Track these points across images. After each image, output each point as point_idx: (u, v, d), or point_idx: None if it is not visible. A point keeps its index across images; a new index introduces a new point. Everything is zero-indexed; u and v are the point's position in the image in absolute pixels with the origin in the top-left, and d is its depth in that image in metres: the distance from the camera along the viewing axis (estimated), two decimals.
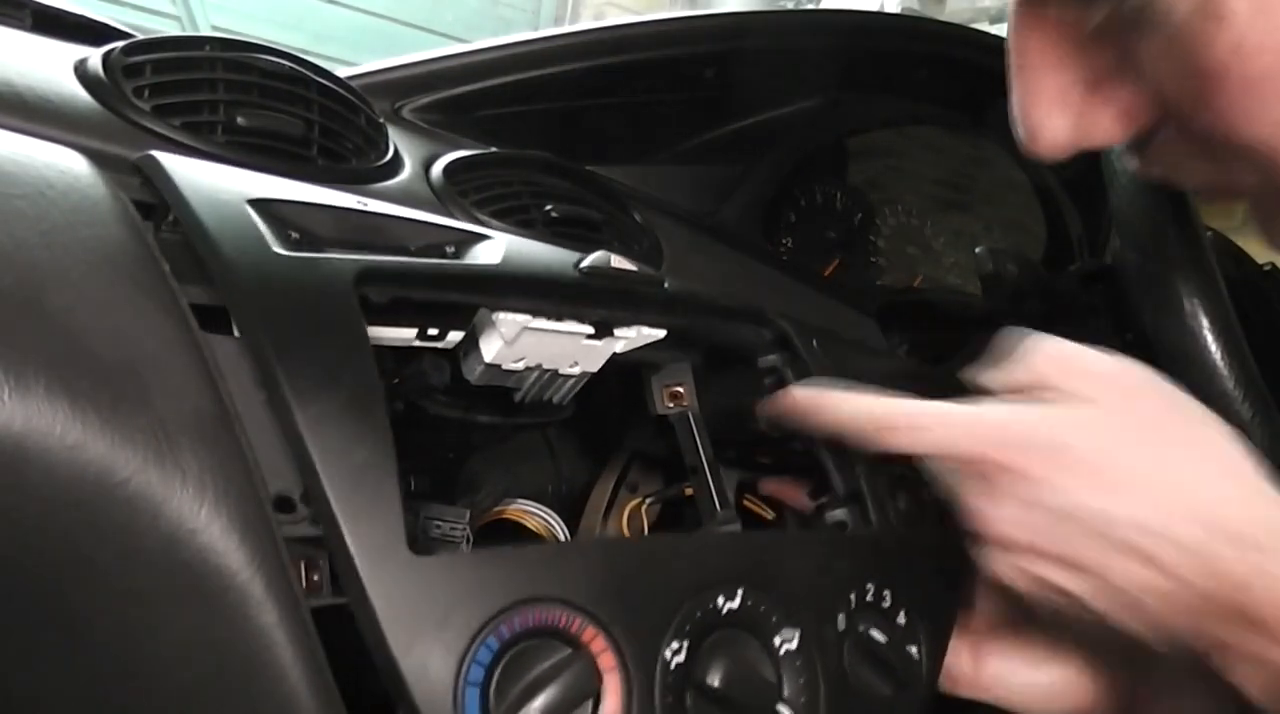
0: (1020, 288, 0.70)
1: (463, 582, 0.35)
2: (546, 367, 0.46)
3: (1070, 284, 0.71)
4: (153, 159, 0.40)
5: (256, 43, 0.56)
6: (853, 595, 0.47)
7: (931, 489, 0.53)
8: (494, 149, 0.69)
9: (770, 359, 0.55)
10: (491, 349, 0.43)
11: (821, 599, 0.45)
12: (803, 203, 0.93)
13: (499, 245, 0.45)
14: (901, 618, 0.48)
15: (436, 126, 0.71)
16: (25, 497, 0.29)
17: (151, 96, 0.50)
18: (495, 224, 0.58)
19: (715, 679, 0.40)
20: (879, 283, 0.96)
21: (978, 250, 0.73)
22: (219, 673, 0.31)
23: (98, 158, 0.38)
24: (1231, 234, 0.75)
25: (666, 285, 0.49)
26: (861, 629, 0.46)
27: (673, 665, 0.39)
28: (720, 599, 0.42)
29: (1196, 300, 0.54)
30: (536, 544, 0.53)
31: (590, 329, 0.45)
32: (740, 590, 0.42)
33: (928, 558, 0.51)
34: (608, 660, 0.37)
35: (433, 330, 0.43)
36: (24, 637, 0.32)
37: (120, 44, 0.52)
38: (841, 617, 0.46)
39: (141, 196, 0.39)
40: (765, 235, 0.89)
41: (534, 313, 0.43)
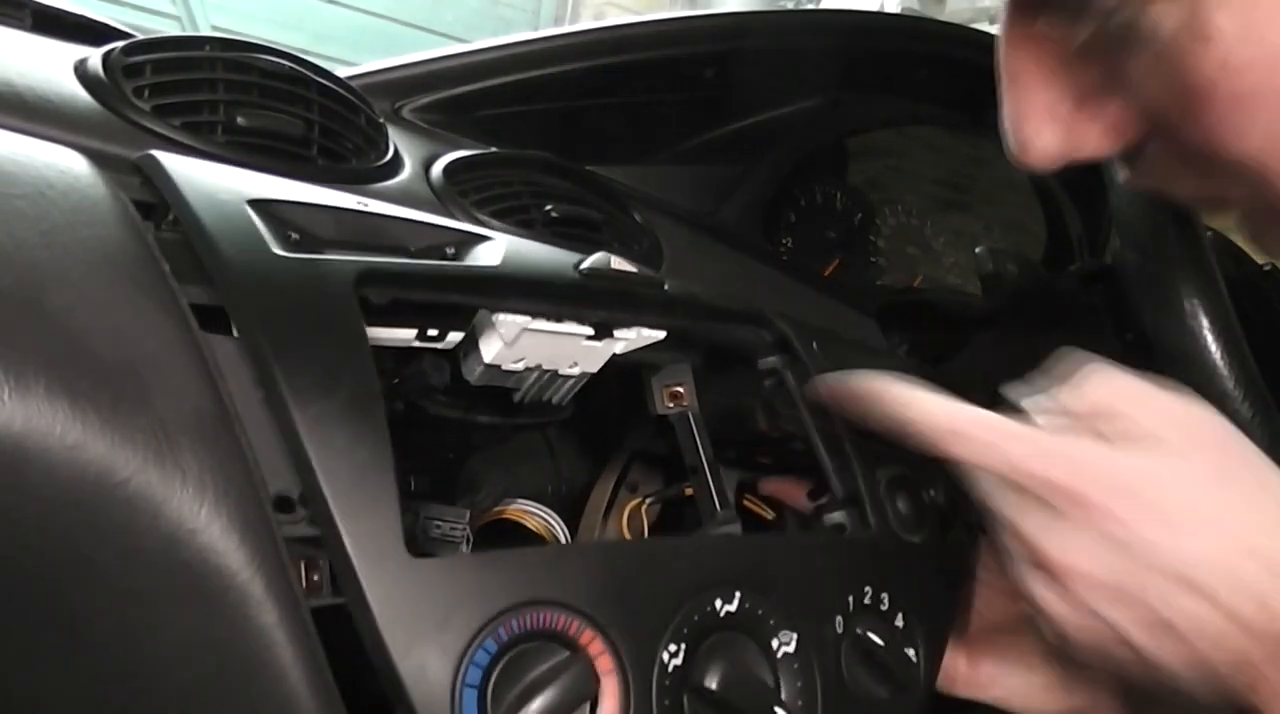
0: (1020, 288, 0.70)
1: (461, 584, 0.35)
2: (546, 367, 0.46)
3: (1070, 284, 0.71)
4: (153, 159, 0.40)
5: (256, 43, 0.56)
6: (850, 598, 0.47)
7: (931, 492, 0.53)
8: (494, 149, 0.69)
9: (770, 361, 0.55)
10: (491, 350, 0.43)
11: (819, 602, 0.46)
12: (803, 203, 0.93)
13: (499, 246, 0.45)
14: (899, 620, 0.48)
15: (436, 126, 0.71)
16: (25, 497, 0.29)
17: (151, 96, 0.50)
18: (495, 224, 0.58)
19: (713, 682, 0.40)
20: (879, 283, 0.96)
21: (978, 250, 0.73)
22: (219, 673, 0.31)
23: (98, 158, 0.38)
24: (1231, 234, 0.75)
25: (666, 286, 0.49)
26: (859, 632, 0.46)
27: (670, 668, 0.39)
28: (718, 602, 0.42)
29: (1196, 300, 0.54)
30: (534, 546, 0.53)
31: (590, 330, 0.46)
32: (738, 593, 0.42)
33: (926, 561, 0.51)
34: (605, 663, 0.37)
35: (432, 331, 0.43)
36: (24, 637, 0.32)
37: (120, 44, 0.52)
38: (839, 619, 0.46)
39: (141, 196, 0.39)
40: (765, 235, 0.89)
41: (534, 314, 0.43)
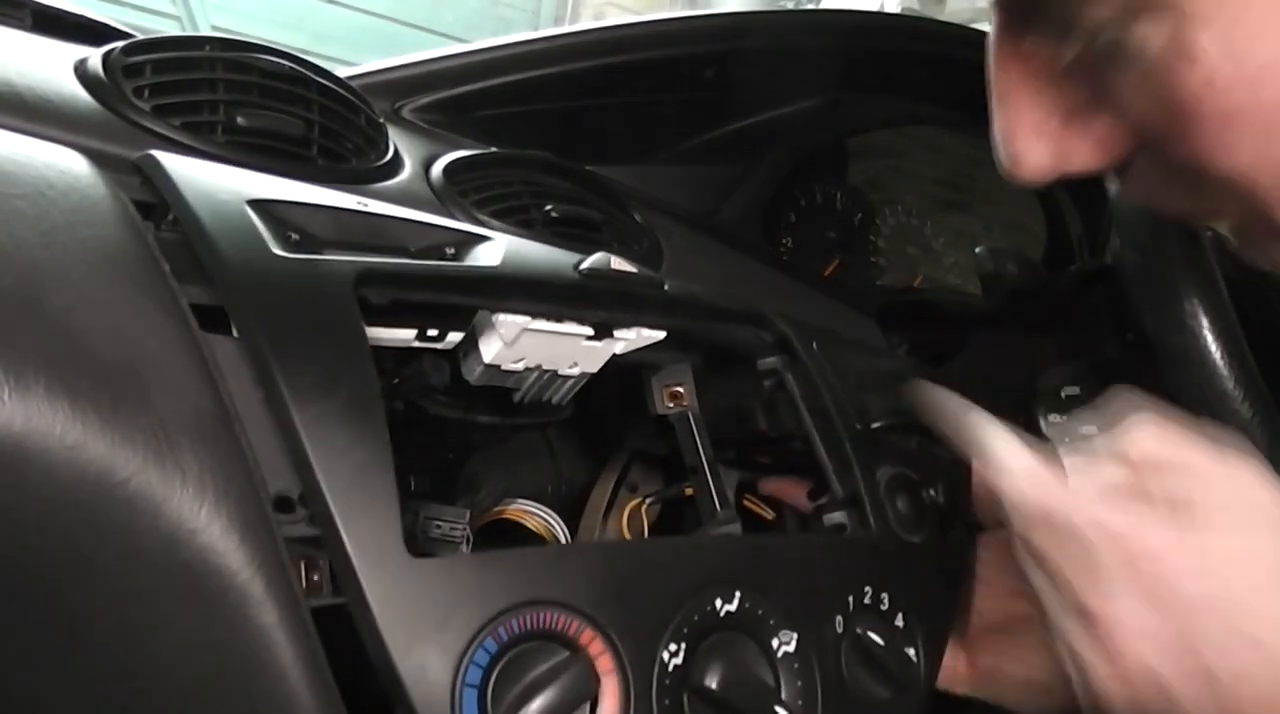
0: (1020, 288, 0.70)
1: (461, 584, 0.35)
2: (546, 367, 0.46)
3: (1070, 284, 0.71)
4: (152, 159, 0.40)
5: (256, 43, 0.56)
6: (850, 598, 0.47)
7: (931, 492, 0.53)
8: (494, 149, 0.68)
9: (770, 361, 0.55)
10: (491, 350, 0.43)
11: (819, 602, 0.46)
12: (803, 203, 0.93)
13: (499, 246, 0.45)
14: (899, 620, 0.48)
15: (436, 126, 0.71)
16: (25, 497, 0.29)
17: (151, 96, 0.50)
18: (495, 224, 0.58)
19: (713, 681, 0.40)
20: (879, 283, 0.96)
21: (978, 250, 0.73)
22: (219, 673, 0.31)
23: (98, 158, 0.38)
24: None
25: (666, 287, 0.49)
26: (859, 631, 0.46)
27: (670, 668, 0.39)
28: (718, 601, 0.42)
29: (1196, 300, 0.54)
30: (534, 547, 0.53)
31: (590, 330, 0.46)
32: (738, 593, 0.42)
33: (926, 560, 0.51)
34: (605, 663, 0.37)
35: (432, 331, 0.43)
36: (24, 637, 0.32)
37: (120, 44, 0.52)
38: (839, 619, 0.46)
39: (141, 196, 0.39)
40: (765, 235, 0.89)
41: (533, 314, 0.43)
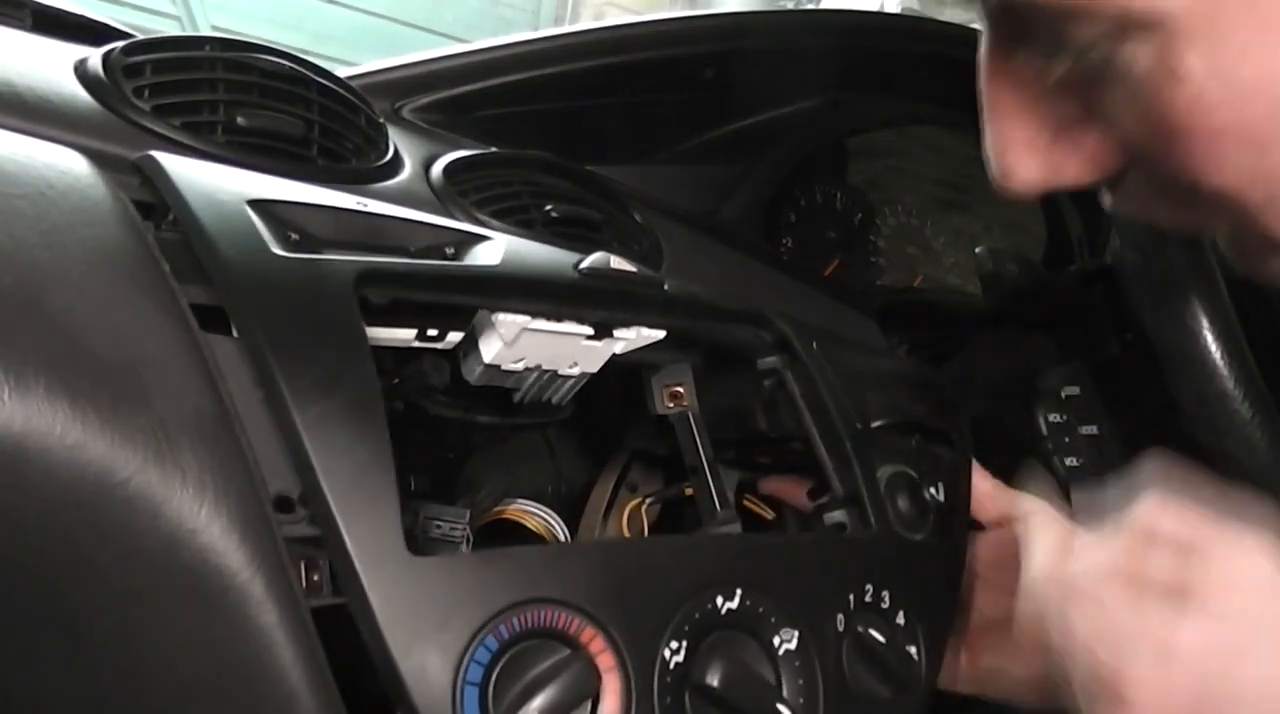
0: (1020, 288, 0.70)
1: (461, 583, 0.35)
2: (546, 367, 0.46)
3: (1070, 284, 0.71)
4: (152, 159, 0.40)
5: (256, 43, 0.56)
6: (851, 596, 0.47)
7: (932, 490, 0.53)
8: (494, 149, 0.68)
9: (770, 361, 0.55)
10: (491, 350, 0.43)
11: (820, 600, 0.46)
12: (803, 203, 0.93)
13: (499, 246, 0.45)
14: (900, 618, 0.48)
15: (436, 126, 0.71)
16: (25, 497, 0.29)
17: (151, 96, 0.50)
18: (495, 224, 0.58)
19: (714, 680, 0.40)
20: (879, 283, 0.96)
21: (978, 250, 0.73)
22: (219, 673, 0.31)
23: (98, 158, 0.38)
24: None
25: (666, 286, 0.49)
26: (860, 630, 0.46)
27: (672, 666, 0.39)
28: (719, 600, 0.42)
29: (1196, 300, 0.54)
30: (535, 545, 0.53)
31: (590, 330, 0.46)
32: (739, 591, 0.42)
33: (926, 559, 0.51)
34: (606, 661, 0.37)
35: (432, 331, 0.43)
36: (24, 637, 0.32)
37: (120, 44, 0.52)
38: (840, 617, 0.46)
39: (141, 196, 0.39)
40: (765, 235, 0.89)
41: (533, 314, 0.43)
